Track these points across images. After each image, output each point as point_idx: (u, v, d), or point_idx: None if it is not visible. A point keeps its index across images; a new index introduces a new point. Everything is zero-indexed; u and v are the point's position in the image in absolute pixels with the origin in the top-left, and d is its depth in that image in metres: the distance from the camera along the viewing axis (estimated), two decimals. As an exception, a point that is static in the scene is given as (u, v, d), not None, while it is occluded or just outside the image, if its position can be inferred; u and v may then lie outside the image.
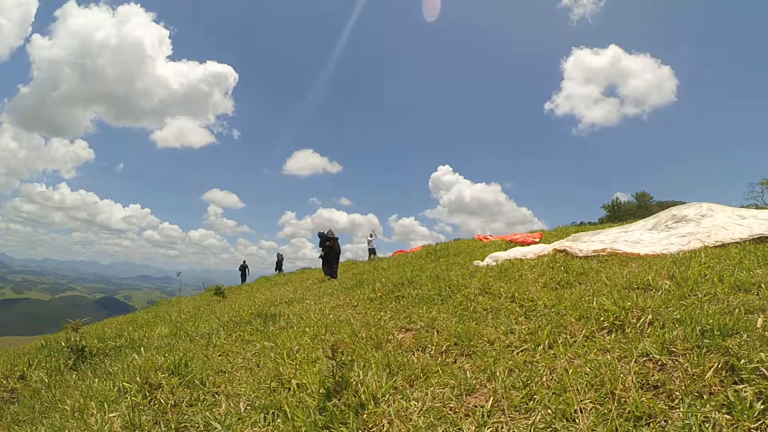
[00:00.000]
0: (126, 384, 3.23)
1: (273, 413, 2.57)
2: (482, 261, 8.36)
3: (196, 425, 2.57)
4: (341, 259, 15.10)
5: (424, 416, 2.27)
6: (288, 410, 2.51)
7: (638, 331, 2.80)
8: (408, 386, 2.73)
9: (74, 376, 4.45)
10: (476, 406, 2.33)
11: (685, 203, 8.75)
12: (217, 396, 3.01)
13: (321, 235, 13.97)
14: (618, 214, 39.14)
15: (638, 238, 7.10)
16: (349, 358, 2.85)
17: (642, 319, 2.92)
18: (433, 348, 3.37)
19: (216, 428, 2.49)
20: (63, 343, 5.14)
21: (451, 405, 2.37)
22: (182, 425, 2.60)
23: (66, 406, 3.26)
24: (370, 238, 23.38)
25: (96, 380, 3.80)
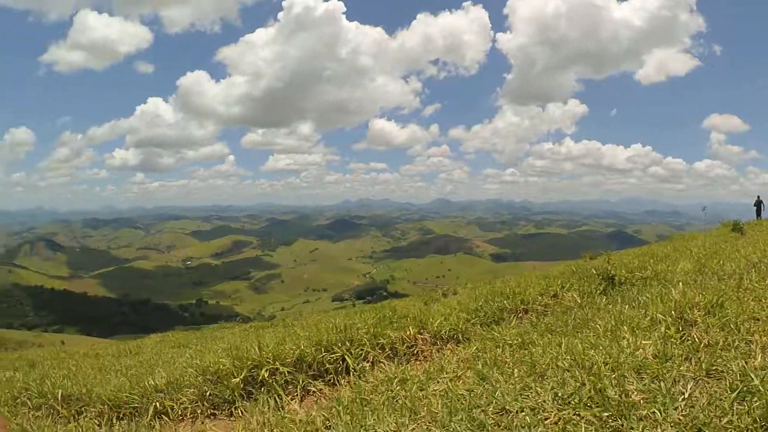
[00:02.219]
0: (659, 315, 3.16)
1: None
2: None
3: (730, 371, 2.23)
4: None
5: None
6: None
7: None
8: None
9: (604, 300, 4.73)
10: None
11: None
12: (751, 345, 2.54)
13: None
14: None
15: None
16: None
17: None
18: None
19: (752, 381, 2.01)
20: (594, 270, 5.58)
21: None
22: (713, 368, 2.33)
23: (598, 326, 3.43)
24: None
25: (626, 307, 3.88)
